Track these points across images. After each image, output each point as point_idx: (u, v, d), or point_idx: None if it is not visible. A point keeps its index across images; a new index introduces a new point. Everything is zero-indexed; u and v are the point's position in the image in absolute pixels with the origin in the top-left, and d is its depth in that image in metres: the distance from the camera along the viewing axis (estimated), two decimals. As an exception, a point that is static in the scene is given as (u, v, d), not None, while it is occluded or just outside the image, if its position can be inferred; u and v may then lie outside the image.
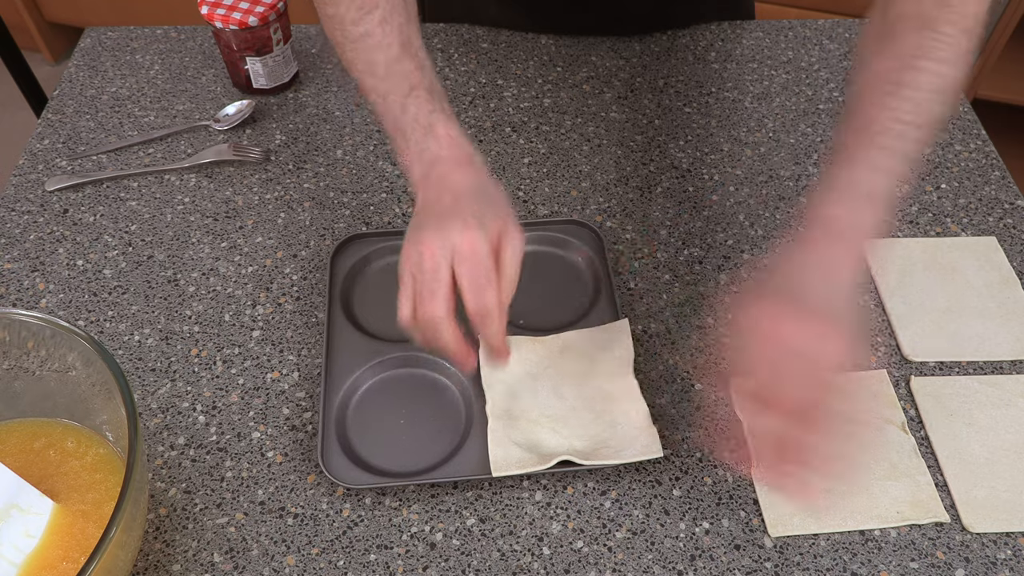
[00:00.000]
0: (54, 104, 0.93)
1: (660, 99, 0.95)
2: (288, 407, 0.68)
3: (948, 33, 0.56)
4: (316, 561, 0.60)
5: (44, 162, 0.87)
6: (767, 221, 0.82)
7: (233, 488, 0.63)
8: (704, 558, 0.60)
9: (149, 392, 0.69)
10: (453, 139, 0.63)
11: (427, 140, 0.62)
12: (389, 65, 0.64)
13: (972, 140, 0.90)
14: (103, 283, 0.77)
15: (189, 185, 0.85)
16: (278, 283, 0.77)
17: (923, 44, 0.57)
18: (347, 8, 0.64)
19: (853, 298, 0.57)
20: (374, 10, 0.63)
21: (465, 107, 0.93)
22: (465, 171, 0.62)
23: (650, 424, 0.64)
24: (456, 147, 0.63)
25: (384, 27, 0.64)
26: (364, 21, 0.63)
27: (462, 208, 0.59)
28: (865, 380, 0.69)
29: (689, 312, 0.75)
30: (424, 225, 0.59)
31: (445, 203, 0.60)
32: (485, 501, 0.63)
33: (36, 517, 0.55)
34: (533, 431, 0.65)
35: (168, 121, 0.92)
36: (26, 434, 0.61)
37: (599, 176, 0.86)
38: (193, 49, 1.00)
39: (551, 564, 0.60)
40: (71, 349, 0.57)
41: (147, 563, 0.60)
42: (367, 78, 0.65)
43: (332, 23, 0.65)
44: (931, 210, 0.83)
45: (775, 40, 1.02)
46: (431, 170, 0.62)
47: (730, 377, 0.60)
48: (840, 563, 0.60)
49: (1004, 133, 1.81)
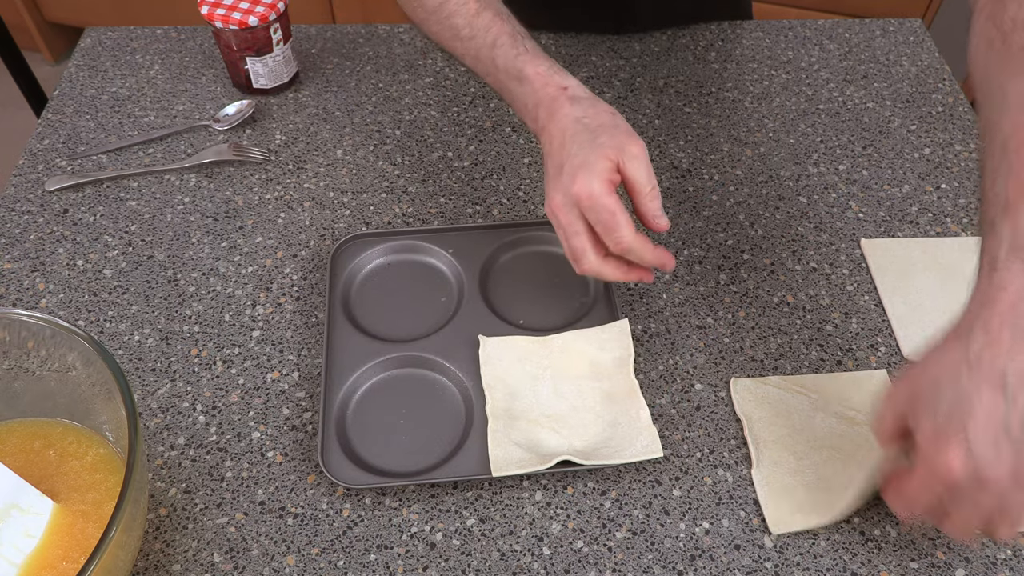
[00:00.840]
0: (54, 104, 0.93)
1: (660, 99, 0.95)
2: (288, 407, 0.68)
3: None
4: (316, 561, 0.60)
5: (44, 162, 0.87)
6: (767, 221, 0.82)
7: (233, 488, 0.63)
8: (704, 558, 0.60)
9: (149, 392, 0.69)
10: (543, 76, 0.64)
11: (523, 87, 0.64)
12: (470, 24, 0.67)
13: (972, 140, 0.90)
14: (103, 283, 0.77)
15: (189, 185, 0.85)
16: (278, 283, 0.77)
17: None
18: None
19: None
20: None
21: (465, 107, 0.93)
22: (562, 108, 0.62)
23: (650, 424, 0.64)
24: (549, 84, 0.63)
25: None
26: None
27: (567, 153, 0.60)
28: (864, 381, 0.69)
29: (689, 312, 0.75)
30: (550, 174, 0.62)
31: (555, 147, 0.62)
32: (485, 501, 0.63)
33: (36, 517, 0.55)
34: (533, 431, 0.65)
35: (168, 121, 0.92)
36: (26, 434, 0.61)
37: (599, 176, 0.86)
38: (193, 49, 1.00)
39: (551, 564, 0.60)
40: (71, 349, 0.57)
41: (147, 563, 0.60)
42: (455, 43, 0.68)
43: (411, 5, 0.70)
44: (931, 210, 0.83)
45: (775, 40, 1.02)
46: (536, 116, 0.64)
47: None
48: (840, 563, 0.60)
49: (1004, 133, 1.80)
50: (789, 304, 0.75)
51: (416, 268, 0.77)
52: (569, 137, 0.61)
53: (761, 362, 0.71)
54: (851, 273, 0.78)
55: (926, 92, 0.96)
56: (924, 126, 0.92)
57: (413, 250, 0.78)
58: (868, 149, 0.89)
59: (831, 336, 0.73)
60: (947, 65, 0.99)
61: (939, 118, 0.93)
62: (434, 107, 0.94)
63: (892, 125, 0.92)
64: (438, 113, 0.93)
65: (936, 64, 0.99)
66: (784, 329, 0.74)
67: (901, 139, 0.90)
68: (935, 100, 0.95)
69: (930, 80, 0.97)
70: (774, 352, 0.72)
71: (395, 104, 0.94)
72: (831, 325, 0.74)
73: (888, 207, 0.84)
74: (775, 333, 0.73)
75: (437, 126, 0.92)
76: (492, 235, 0.78)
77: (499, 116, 0.92)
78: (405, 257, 0.77)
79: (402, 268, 0.77)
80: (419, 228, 0.79)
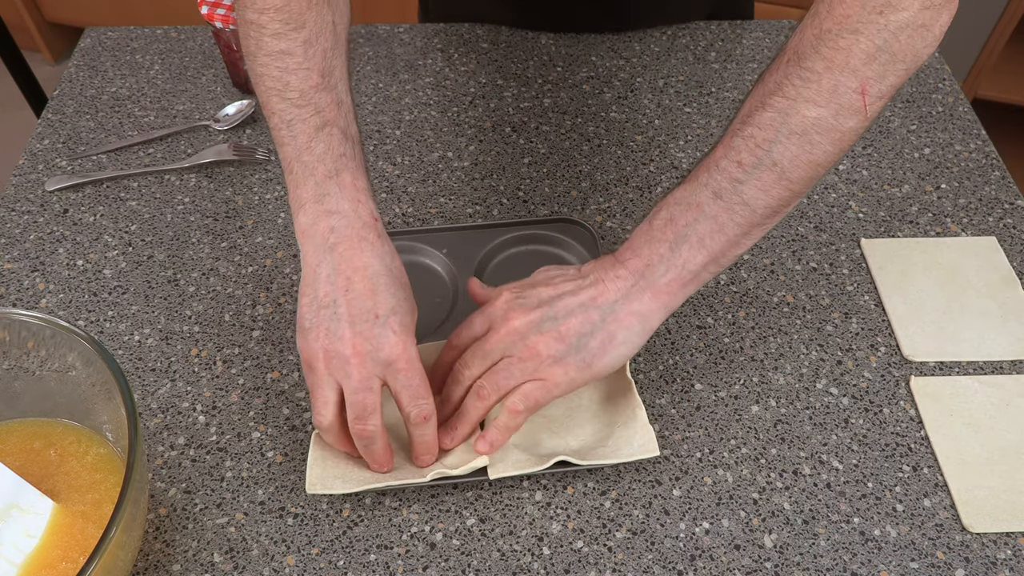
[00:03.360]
0: (54, 104, 0.93)
1: (660, 99, 0.95)
2: (288, 407, 0.68)
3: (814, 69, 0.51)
4: (316, 561, 0.60)
5: (44, 162, 0.87)
6: (767, 221, 0.82)
7: (233, 488, 0.63)
8: (704, 558, 0.60)
9: (149, 392, 0.69)
10: (359, 192, 0.58)
11: (328, 185, 0.57)
12: (304, 92, 0.57)
13: (972, 140, 0.90)
14: (103, 283, 0.77)
15: (189, 185, 0.85)
16: (278, 283, 0.77)
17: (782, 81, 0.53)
18: (271, 18, 0.56)
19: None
20: (301, 29, 0.57)
21: (465, 107, 0.93)
22: (373, 244, 0.57)
23: (647, 424, 0.64)
24: (361, 203, 0.58)
25: (307, 49, 0.57)
26: (287, 37, 0.57)
27: (381, 306, 0.56)
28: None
29: (689, 312, 0.75)
30: (341, 317, 0.55)
31: (358, 292, 0.56)
32: (485, 501, 0.63)
33: (36, 517, 0.55)
34: (531, 431, 0.65)
35: (168, 121, 0.92)
36: (26, 434, 0.61)
37: (599, 176, 0.86)
38: (193, 49, 1.00)
39: (551, 564, 0.60)
40: (71, 349, 0.57)
41: (147, 563, 0.60)
42: (274, 98, 0.58)
43: (249, 29, 0.58)
44: (931, 210, 0.83)
45: (775, 40, 1.02)
46: (334, 236, 0.57)
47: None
48: (840, 563, 0.60)
49: (1004, 133, 1.81)
50: (789, 304, 0.75)
51: (411, 269, 0.77)
52: (380, 285, 0.56)
53: (761, 362, 0.71)
54: (851, 273, 0.78)
55: (926, 92, 0.96)
56: (924, 126, 0.92)
57: (408, 251, 0.77)
58: (868, 149, 0.89)
59: (831, 336, 0.73)
60: (947, 65, 0.99)
61: (939, 118, 0.93)
62: (434, 107, 0.94)
63: (892, 125, 0.92)
64: (438, 113, 0.93)
65: (936, 64, 0.99)
66: (784, 329, 0.74)
67: (901, 139, 0.91)
68: (935, 100, 0.95)
69: (930, 80, 0.97)
70: (774, 352, 0.72)
71: (395, 104, 0.94)
72: (831, 325, 0.74)
73: (888, 207, 0.84)
74: (775, 333, 0.73)
75: (437, 126, 0.92)
76: (486, 234, 0.78)
77: (499, 116, 0.92)
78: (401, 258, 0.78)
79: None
80: (414, 228, 0.79)
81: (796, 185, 0.54)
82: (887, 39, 0.50)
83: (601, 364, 0.58)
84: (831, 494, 0.63)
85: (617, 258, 0.59)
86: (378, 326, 0.55)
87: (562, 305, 0.58)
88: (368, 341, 0.55)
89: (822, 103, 0.52)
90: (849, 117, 0.52)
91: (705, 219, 0.55)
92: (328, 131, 0.58)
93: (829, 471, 0.65)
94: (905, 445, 0.66)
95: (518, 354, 0.58)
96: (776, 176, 0.53)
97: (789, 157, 0.53)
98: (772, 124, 0.53)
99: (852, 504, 0.63)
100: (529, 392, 0.58)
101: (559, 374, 0.58)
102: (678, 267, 0.56)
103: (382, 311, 0.56)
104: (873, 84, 0.51)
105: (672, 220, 0.57)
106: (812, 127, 0.52)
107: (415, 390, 0.57)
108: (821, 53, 0.51)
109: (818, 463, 0.65)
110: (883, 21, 0.50)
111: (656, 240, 0.57)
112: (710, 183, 0.55)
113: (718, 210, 0.55)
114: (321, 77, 0.58)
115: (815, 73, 0.51)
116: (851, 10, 0.50)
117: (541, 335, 0.58)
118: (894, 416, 0.68)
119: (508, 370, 0.58)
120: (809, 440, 0.66)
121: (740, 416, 0.68)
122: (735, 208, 0.55)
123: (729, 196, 0.55)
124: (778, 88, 0.53)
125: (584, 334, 0.57)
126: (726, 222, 0.55)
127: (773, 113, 0.53)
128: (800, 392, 0.69)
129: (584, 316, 0.57)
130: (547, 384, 0.58)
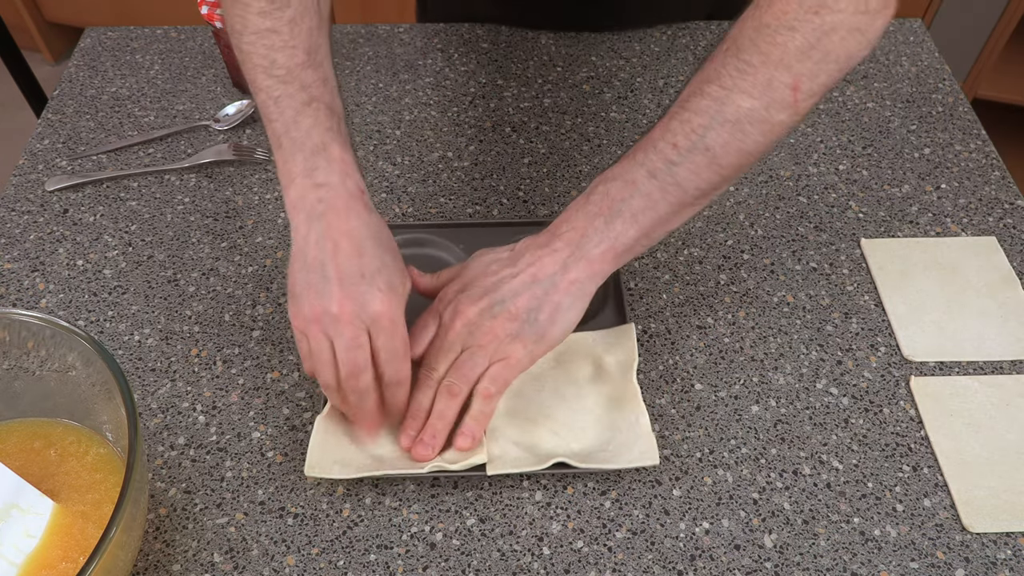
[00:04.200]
0: (54, 104, 0.93)
1: (660, 99, 0.95)
2: (288, 407, 0.68)
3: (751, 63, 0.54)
4: (316, 561, 0.60)
5: (44, 162, 0.87)
6: (767, 221, 0.82)
7: (233, 488, 0.63)
8: (704, 558, 0.60)
9: (149, 392, 0.69)
10: (347, 165, 0.59)
11: (317, 159, 0.58)
12: (291, 70, 0.59)
13: (972, 140, 0.90)
14: (103, 283, 0.77)
15: (189, 185, 0.85)
16: (278, 283, 0.77)
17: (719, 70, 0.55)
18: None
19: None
20: (286, 8, 0.58)
21: (465, 107, 0.93)
22: (360, 213, 0.58)
23: (649, 431, 0.63)
24: (349, 176, 0.58)
25: (293, 27, 0.59)
26: (273, 15, 0.58)
27: (368, 266, 0.57)
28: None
29: (689, 312, 0.75)
30: (329, 278, 0.56)
31: (346, 253, 0.57)
32: (485, 501, 0.63)
33: (36, 517, 0.55)
34: (532, 431, 0.65)
35: (168, 121, 0.92)
36: (26, 434, 0.61)
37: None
38: (193, 49, 1.00)
39: (551, 564, 0.60)
40: (71, 349, 0.57)
41: (147, 563, 0.60)
42: (261, 76, 0.59)
43: (235, 7, 0.59)
44: (931, 210, 0.83)
45: (775, 40, 1.02)
46: (322, 205, 0.57)
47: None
48: (840, 563, 0.60)
49: (1004, 133, 1.81)
50: (789, 304, 0.75)
51: (427, 262, 0.77)
52: (368, 248, 0.57)
53: (761, 362, 0.71)
54: (851, 273, 0.78)
55: (926, 92, 0.96)
56: (924, 126, 0.92)
57: (425, 244, 0.78)
58: (868, 149, 0.89)
59: (831, 336, 0.73)
60: (947, 65, 0.99)
61: (939, 118, 0.93)
62: (434, 107, 0.94)
63: (892, 125, 0.92)
64: (438, 113, 0.93)
65: (936, 64, 0.99)
66: (784, 329, 0.74)
67: (901, 139, 0.91)
68: (935, 100, 0.95)
69: (930, 80, 0.97)
70: (774, 352, 0.72)
71: (395, 104, 0.94)
72: (831, 325, 0.74)
73: (888, 207, 0.84)
74: (775, 333, 0.73)
75: (437, 126, 0.92)
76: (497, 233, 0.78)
77: (499, 116, 0.92)
78: (406, 251, 0.78)
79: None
80: (418, 223, 0.79)
81: (726, 171, 0.57)
82: (820, 38, 0.53)
83: (553, 333, 0.61)
84: (831, 494, 0.63)
85: (553, 232, 0.62)
86: (364, 284, 0.56)
87: (507, 288, 0.61)
88: (355, 300, 0.56)
89: (756, 95, 0.54)
90: (780, 111, 0.55)
91: (639, 196, 0.58)
92: (315, 107, 0.59)
93: (829, 471, 0.65)
94: (905, 445, 0.66)
95: (477, 341, 0.60)
96: (708, 161, 0.56)
97: (721, 144, 0.55)
98: (708, 111, 0.55)
99: (852, 504, 0.63)
100: (496, 374, 0.61)
101: (519, 350, 0.61)
102: (611, 239, 0.59)
103: (368, 271, 0.57)
104: (805, 81, 0.54)
105: (608, 195, 0.59)
106: (745, 117, 0.55)
107: (394, 351, 0.58)
108: (758, 47, 0.54)
109: (818, 463, 0.65)
110: (818, 21, 0.52)
111: (592, 214, 0.60)
112: (646, 162, 0.58)
113: (652, 188, 0.58)
114: (307, 55, 0.59)
115: (751, 66, 0.54)
116: (789, 7, 0.53)
117: (495, 319, 0.60)
118: (894, 416, 0.68)
119: (472, 359, 0.61)
120: (809, 440, 0.66)
121: (740, 416, 0.68)
122: (668, 188, 0.57)
123: (663, 176, 0.57)
124: (716, 76, 0.55)
125: (533, 308, 0.60)
126: (659, 200, 0.58)
127: (709, 101, 0.55)
128: (800, 392, 0.69)
129: (529, 293, 0.60)
130: (510, 362, 0.61)
